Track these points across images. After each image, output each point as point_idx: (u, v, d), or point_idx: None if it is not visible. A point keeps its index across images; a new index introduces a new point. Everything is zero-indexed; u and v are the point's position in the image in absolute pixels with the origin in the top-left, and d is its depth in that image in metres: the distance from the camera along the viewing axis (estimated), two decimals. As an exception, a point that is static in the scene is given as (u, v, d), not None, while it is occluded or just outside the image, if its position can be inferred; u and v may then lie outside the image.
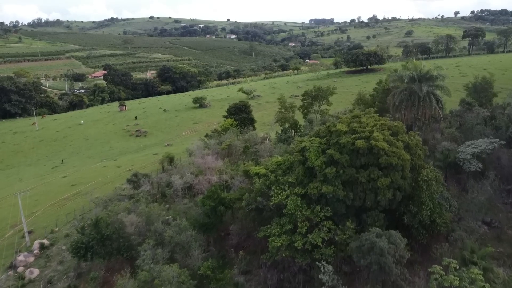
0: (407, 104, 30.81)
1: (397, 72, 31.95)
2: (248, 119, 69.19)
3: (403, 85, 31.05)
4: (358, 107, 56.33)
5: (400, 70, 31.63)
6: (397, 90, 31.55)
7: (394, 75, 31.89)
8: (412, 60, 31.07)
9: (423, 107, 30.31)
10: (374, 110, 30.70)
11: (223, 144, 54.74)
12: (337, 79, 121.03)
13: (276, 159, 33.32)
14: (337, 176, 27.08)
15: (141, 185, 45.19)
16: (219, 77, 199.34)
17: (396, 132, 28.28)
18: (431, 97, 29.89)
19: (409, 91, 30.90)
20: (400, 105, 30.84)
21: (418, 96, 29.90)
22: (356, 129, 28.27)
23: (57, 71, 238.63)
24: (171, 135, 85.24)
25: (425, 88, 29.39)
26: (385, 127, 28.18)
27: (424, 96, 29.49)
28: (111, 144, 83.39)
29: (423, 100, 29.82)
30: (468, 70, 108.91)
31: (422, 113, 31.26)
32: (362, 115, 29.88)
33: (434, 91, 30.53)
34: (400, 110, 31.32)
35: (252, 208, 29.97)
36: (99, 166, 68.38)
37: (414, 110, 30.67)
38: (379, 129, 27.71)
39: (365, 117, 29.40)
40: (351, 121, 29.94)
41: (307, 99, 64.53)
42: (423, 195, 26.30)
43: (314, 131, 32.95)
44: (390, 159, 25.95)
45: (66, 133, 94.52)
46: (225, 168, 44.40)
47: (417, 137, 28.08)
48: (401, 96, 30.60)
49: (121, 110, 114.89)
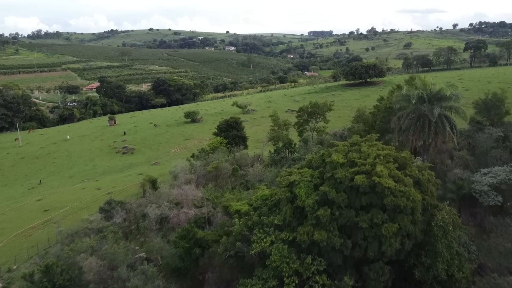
0: (415, 129, 26.05)
1: (403, 90, 27.32)
2: (240, 137, 64.40)
3: (411, 107, 26.46)
4: (358, 126, 51.77)
5: (407, 88, 26.99)
6: (404, 112, 26.89)
7: (400, 94, 27.28)
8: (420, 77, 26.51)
9: (434, 133, 25.69)
10: (376, 137, 25.85)
11: (209, 166, 49.93)
12: (335, 93, 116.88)
13: (262, 191, 28.39)
14: (332, 219, 22.13)
15: (114, 216, 40.09)
16: (215, 90, 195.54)
17: (404, 164, 23.42)
18: (444, 121, 25.17)
19: (418, 113, 26.13)
20: (407, 130, 26.15)
21: (428, 120, 25.23)
22: (355, 160, 23.42)
23: (51, 83, 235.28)
24: (160, 153, 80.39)
25: (437, 110, 24.68)
26: (390, 158, 23.32)
27: (436, 120, 24.90)
28: (95, 162, 78.46)
29: (435, 124, 25.18)
30: (472, 84, 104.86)
31: (433, 139, 26.63)
32: (362, 143, 25.05)
33: (447, 114, 25.86)
34: (407, 136, 26.58)
35: (231, 254, 24.93)
36: (79, 187, 63.34)
37: (424, 136, 25.98)
38: (383, 161, 22.84)
39: (366, 145, 24.56)
40: (349, 149, 25.10)
41: (302, 115, 59.96)
42: (439, 244, 21.33)
43: (306, 159, 28.06)
44: (397, 200, 21.04)
45: (50, 150, 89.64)
46: (207, 195, 39.42)
47: (429, 171, 23.20)
48: (409, 120, 25.89)
49: (111, 125, 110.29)
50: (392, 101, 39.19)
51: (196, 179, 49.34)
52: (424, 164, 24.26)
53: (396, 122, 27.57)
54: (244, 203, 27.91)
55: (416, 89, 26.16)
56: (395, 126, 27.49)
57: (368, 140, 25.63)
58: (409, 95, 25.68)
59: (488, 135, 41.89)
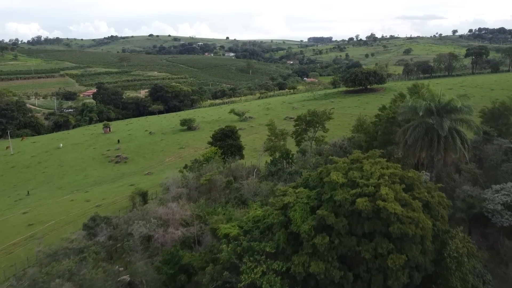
0: (423, 144, 23.49)
1: (408, 102, 24.84)
2: (235, 146, 61.91)
3: (417, 119, 23.98)
4: (358, 136, 49.30)
5: (413, 99, 24.49)
6: (410, 125, 24.35)
7: (405, 106, 24.82)
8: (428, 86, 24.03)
9: (444, 149, 23.21)
10: (379, 153, 23.35)
11: (202, 179, 47.39)
12: (335, 100, 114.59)
13: (254, 212, 25.83)
14: (331, 248, 19.59)
15: (97, 233, 37.46)
16: (214, 96, 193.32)
17: (411, 185, 20.90)
18: (455, 135, 22.62)
19: (426, 127, 23.59)
20: (414, 145, 23.64)
21: (437, 134, 22.75)
22: (356, 180, 20.90)
23: (49, 89, 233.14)
24: (154, 162, 77.82)
25: (446, 123, 22.16)
26: (396, 178, 20.79)
27: (446, 135, 22.40)
28: (87, 171, 75.84)
29: (445, 139, 22.69)
30: (474, 91, 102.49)
31: (442, 155, 24.13)
32: (364, 160, 22.52)
33: (458, 128, 23.35)
34: (414, 151, 24.06)
35: (217, 285, 22.31)
36: (67, 199, 60.70)
37: (433, 151, 23.48)
38: (387, 182, 20.32)
39: (368, 162, 22.04)
40: (350, 167, 22.60)
41: (300, 124, 57.47)
42: (452, 278, 18.75)
43: (303, 177, 25.53)
44: (405, 227, 18.49)
45: (41, 158, 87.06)
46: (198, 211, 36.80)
47: (440, 193, 20.66)
48: (415, 134, 23.37)
49: (105, 132, 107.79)
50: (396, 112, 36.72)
51: (188, 192, 46.86)
52: (433, 184, 21.71)
53: (402, 135, 25.07)
54: (234, 225, 25.35)
55: (424, 100, 23.70)
56: (400, 140, 25.02)
57: (370, 157, 23.12)
58: (416, 106, 23.23)
59: (497, 147, 39.39)
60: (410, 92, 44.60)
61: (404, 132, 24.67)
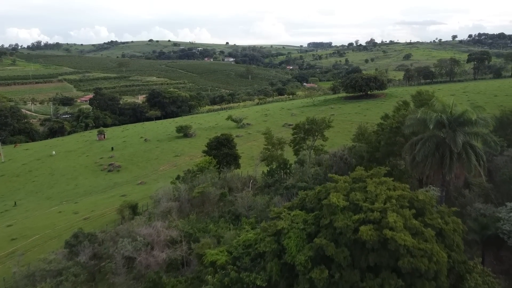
0: (433, 161, 20.88)
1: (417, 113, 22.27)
2: (231, 156, 59.29)
3: (427, 132, 21.42)
4: (359, 145, 46.79)
5: (422, 110, 21.96)
6: (418, 139, 21.70)
7: (413, 117, 22.22)
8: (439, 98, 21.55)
9: (457, 166, 20.66)
10: (385, 171, 20.82)
11: (194, 191, 44.82)
12: (334, 106, 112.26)
13: (246, 235, 23.24)
14: (330, 283, 17.00)
15: (79, 252, 34.77)
16: (212, 102, 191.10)
17: (422, 209, 18.34)
18: (469, 151, 20.03)
19: (436, 141, 21.03)
20: (423, 162, 21.05)
21: (450, 149, 20.19)
22: (359, 203, 18.36)
23: (46, 94, 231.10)
24: (147, 171, 75.23)
25: (460, 138, 19.63)
26: (405, 201, 18.25)
27: (459, 151, 19.84)
28: (78, 181, 73.23)
29: (458, 155, 20.13)
30: (478, 97, 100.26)
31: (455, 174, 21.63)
32: (368, 179, 19.98)
33: (472, 143, 20.78)
34: (423, 169, 21.41)
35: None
36: (55, 211, 58.07)
37: (445, 170, 20.88)
38: (395, 206, 17.77)
39: (372, 182, 19.50)
40: (352, 187, 20.05)
41: (298, 133, 54.96)
42: (472, 320, 16.10)
43: (299, 196, 22.97)
44: (416, 261, 15.93)
45: (32, 167, 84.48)
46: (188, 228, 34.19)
47: (454, 218, 18.11)
48: (425, 149, 20.63)
49: (100, 139, 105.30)
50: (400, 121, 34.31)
51: (179, 205, 44.29)
52: (446, 207, 19.14)
53: (409, 149, 22.49)
54: (222, 250, 22.73)
55: (434, 111, 21.20)
56: (407, 155, 22.45)
57: (375, 175, 20.57)
58: (425, 118, 20.73)
59: (507, 158, 36.89)
60: (414, 100, 42.18)
61: (412, 147, 22.13)
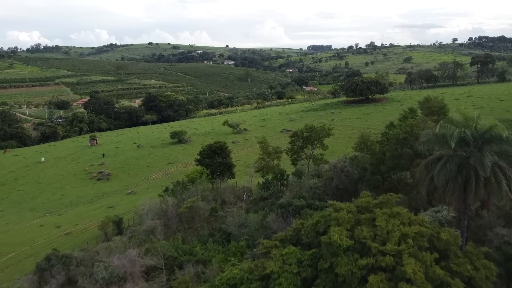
0: (455, 187, 17.19)
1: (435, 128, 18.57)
2: (225, 165, 55.69)
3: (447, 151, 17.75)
4: (362, 156, 43.19)
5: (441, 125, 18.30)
6: (435, 158, 17.87)
7: (430, 133, 18.51)
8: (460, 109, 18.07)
9: (485, 193, 17.06)
10: (397, 198, 17.23)
11: (182, 206, 41.24)
12: (334, 110, 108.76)
13: (230, 272, 19.58)
14: None
15: (50, 279, 31.08)
16: (210, 105, 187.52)
17: (445, 251, 14.74)
18: (499, 175, 16.45)
19: (459, 162, 17.64)
20: (442, 188, 17.35)
21: (476, 173, 16.59)
22: (367, 242, 14.77)
23: (42, 98, 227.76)
24: (138, 179, 71.65)
25: (489, 159, 16.06)
26: (424, 240, 14.67)
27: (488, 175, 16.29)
28: (65, 190, 69.64)
29: (485, 180, 16.53)
30: (483, 101, 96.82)
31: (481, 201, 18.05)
32: (377, 209, 16.39)
33: (502, 164, 17.00)
34: (444, 196, 17.65)
35: None
36: (37, 224, 54.49)
37: (470, 197, 17.21)
38: (412, 248, 14.17)
39: (383, 214, 15.92)
40: (357, 218, 16.46)
41: (296, 141, 51.37)
42: None
43: (293, 226, 19.36)
44: (442, 325, 12.30)
45: (19, 174, 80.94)
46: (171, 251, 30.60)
47: (486, 261, 14.53)
48: (445, 173, 16.74)
49: (92, 145, 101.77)
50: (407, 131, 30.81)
51: (166, 222, 40.73)
52: (473, 246, 15.55)
53: (424, 170, 18.72)
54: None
55: (455, 125, 17.58)
56: (422, 177, 18.77)
57: (385, 203, 16.98)
58: (445, 134, 17.11)
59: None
60: (421, 106, 38.70)
61: (428, 167, 18.47)
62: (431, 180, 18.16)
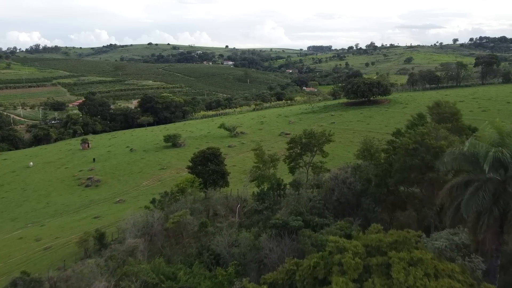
0: (489, 221, 13.66)
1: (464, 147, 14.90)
2: (218, 173, 52.12)
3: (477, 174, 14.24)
4: (366, 165, 39.62)
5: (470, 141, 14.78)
6: (462, 182, 14.23)
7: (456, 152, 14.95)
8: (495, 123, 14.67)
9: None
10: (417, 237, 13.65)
11: (169, 221, 37.70)
12: (335, 113, 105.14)
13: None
14: None
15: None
16: (208, 107, 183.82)
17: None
18: (546, 207, 13.24)
19: (493, 189, 13.99)
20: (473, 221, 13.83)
21: (515, 204, 13.22)
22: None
23: (38, 99, 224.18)
24: (129, 186, 68.07)
25: (533, 188, 12.75)
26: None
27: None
28: (51, 198, 66.07)
29: (526, 213, 13.14)
30: (489, 104, 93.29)
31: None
32: (392, 251, 12.77)
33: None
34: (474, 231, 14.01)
35: None
36: (16, 236, 50.90)
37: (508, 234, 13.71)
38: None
39: (399, 261, 12.28)
40: (367, 264, 12.84)
41: (294, 148, 47.84)
42: None
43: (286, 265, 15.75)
44: None
45: (5, 180, 77.40)
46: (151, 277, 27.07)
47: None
48: (477, 203, 13.36)
49: (83, 148, 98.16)
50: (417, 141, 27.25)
51: (150, 239, 37.18)
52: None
53: (448, 197, 14.97)
54: None
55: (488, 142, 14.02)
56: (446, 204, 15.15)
57: (401, 243, 13.36)
58: (477, 154, 13.58)
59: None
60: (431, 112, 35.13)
61: (452, 193, 14.85)
62: (457, 210, 14.54)
